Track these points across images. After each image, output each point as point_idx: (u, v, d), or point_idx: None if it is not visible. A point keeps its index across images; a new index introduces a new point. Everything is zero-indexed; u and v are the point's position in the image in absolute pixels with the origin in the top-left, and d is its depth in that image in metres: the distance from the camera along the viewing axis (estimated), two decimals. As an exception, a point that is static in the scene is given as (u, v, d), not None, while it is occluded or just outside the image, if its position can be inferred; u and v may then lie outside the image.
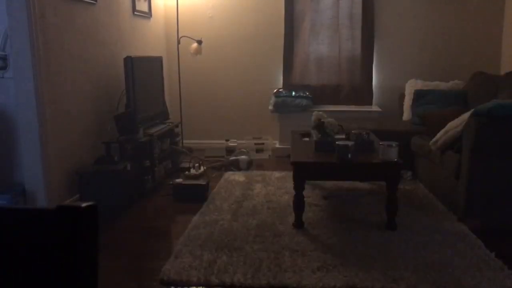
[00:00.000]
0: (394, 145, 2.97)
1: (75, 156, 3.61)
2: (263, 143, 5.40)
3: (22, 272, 0.83)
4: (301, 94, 5.37)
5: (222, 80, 5.75)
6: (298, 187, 3.07)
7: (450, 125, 3.45)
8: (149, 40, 5.21)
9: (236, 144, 5.25)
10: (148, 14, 5.15)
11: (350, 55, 5.57)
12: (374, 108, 5.46)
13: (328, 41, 5.57)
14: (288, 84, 5.58)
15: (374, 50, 5.52)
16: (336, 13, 5.51)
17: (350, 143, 3.03)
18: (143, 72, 4.17)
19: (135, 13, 4.77)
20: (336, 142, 3.07)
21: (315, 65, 5.64)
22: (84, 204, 0.81)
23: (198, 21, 5.62)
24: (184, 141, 5.43)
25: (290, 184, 3.54)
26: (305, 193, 3.14)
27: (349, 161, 3.00)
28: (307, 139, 3.74)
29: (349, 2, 5.48)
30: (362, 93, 5.56)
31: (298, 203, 3.10)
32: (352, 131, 3.39)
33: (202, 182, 3.92)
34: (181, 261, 2.62)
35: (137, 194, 3.81)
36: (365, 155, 3.15)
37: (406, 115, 4.97)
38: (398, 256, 2.66)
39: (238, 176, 4.42)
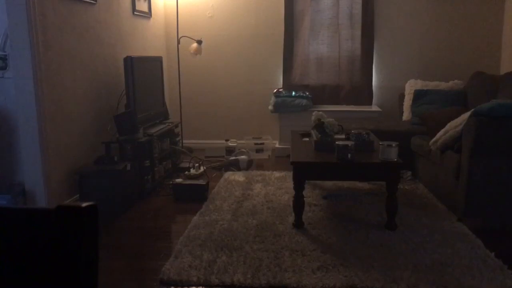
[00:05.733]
0: (394, 145, 2.97)
1: (75, 156, 3.61)
2: (263, 143, 5.40)
3: (22, 272, 0.83)
4: (301, 94, 5.37)
5: (222, 80, 5.75)
6: (298, 187, 3.07)
7: (450, 125, 3.45)
8: (149, 40, 5.21)
9: (236, 144, 5.24)
10: (148, 14, 5.15)
11: (350, 55, 5.57)
12: (374, 108, 5.46)
13: (328, 41, 5.58)
14: (288, 84, 5.59)
15: (374, 50, 5.52)
16: (336, 13, 5.51)
17: (350, 143, 3.03)
18: (143, 72, 4.17)
19: (135, 13, 4.77)
20: (336, 142, 3.07)
21: (315, 65, 5.64)
22: (84, 204, 0.81)
23: (198, 21, 5.63)
24: (184, 141, 5.44)
25: (290, 184, 3.55)
26: (305, 193, 3.14)
27: (349, 161, 3.00)
28: (307, 139, 3.74)
29: (349, 2, 5.48)
30: (362, 93, 5.56)
31: (298, 203, 3.10)
32: (352, 131, 3.39)
33: (202, 182, 3.92)
34: (181, 261, 2.62)
35: (137, 194, 3.81)
36: (365, 155, 3.15)
37: (406, 115, 4.98)
38: (398, 256, 2.66)
39: (238, 176, 4.42)
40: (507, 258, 2.60)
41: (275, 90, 5.46)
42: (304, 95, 5.37)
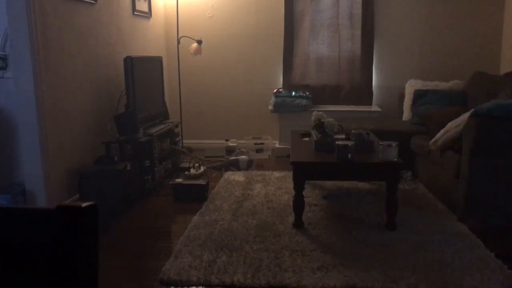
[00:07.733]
0: (394, 145, 2.97)
1: (75, 156, 3.61)
2: (263, 143, 5.40)
3: (22, 272, 0.83)
4: (301, 94, 5.37)
5: (222, 80, 5.75)
6: (298, 187, 3.07)
7: (450, 125, 3.45)
8: (149, 40, 5.21)
9: (236, 144, 5.25)
10: (148, 14, 5.15)
11: (350, 55, 5.57)
12: (374, 108, 5.46)
13: (328, 41, 5.58)
14: (288, 84, 5.59)
15: (374, 50, 5.52)
16: (336, 13, 5.51)
17: (350, 143, 3.03)
18: (143, 72, 4.17)
19: (135, 13, 4.77)
20: (336, 142, 3.07)
21: (315, 65, 5.64)
22: (84, 204, 0.81)
23: (198, 21, 5.63)
24: (184, 141, 5.43)
25: (290, 184, 3.55)
26: (305, 193, 3.14)
27: (349, 161, 3.00)
28: (307, 139, 3.74)
29: (349, 2, 5.48)
30: (362, 93, 5.56)
31: (298, 203, 3.10)
32: (352, 131, 3.39)
33: (202, 182, 3.93)
34: (181, 261, 2.62)
35: (137, 194, 3.81)
36: (365, 155, 3.15)
37: (406, 115, 4.98)
38: (398, 256, 2.66)
39: (238, 176, 4.42)
40: (507, 258, 2.59)
41: (275, 90, 5.46)
42: (304, 95, 5.37)
